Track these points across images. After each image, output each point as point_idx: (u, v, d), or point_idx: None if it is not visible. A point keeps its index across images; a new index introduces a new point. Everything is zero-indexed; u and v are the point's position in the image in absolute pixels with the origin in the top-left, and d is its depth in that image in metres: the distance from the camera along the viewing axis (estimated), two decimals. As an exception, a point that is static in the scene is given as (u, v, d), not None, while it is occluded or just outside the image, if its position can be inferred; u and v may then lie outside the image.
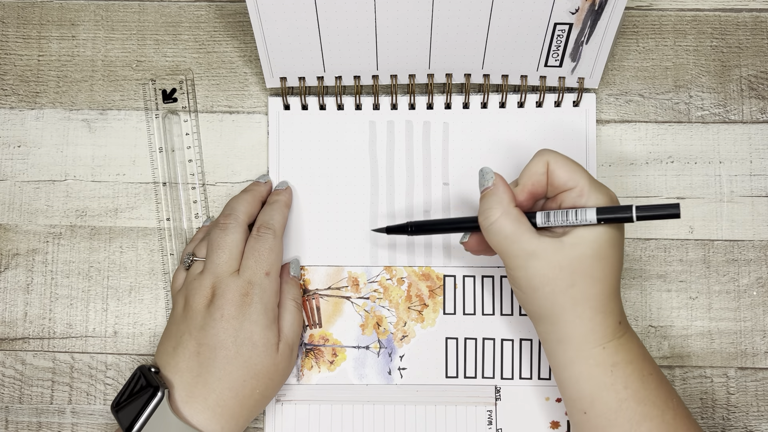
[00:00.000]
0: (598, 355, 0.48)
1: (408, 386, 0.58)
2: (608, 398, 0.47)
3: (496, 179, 0.50)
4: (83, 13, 0.62)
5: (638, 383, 0.47)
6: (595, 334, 0.48)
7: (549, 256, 0.47)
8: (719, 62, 0.60)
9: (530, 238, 0.48)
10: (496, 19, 0.55)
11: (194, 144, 0.60)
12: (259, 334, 0.52)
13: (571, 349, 0.48)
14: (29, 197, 0.60)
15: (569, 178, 0.49)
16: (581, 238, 0.47)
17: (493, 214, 0.49)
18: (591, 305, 0.47)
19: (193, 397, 0.50)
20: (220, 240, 0.54)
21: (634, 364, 0.48)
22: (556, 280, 0.47)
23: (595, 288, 0.47)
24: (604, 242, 0.47)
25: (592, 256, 0.47)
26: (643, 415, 0.47)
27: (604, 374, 0.47)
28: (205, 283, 0.53)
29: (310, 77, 0.59)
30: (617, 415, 0.47)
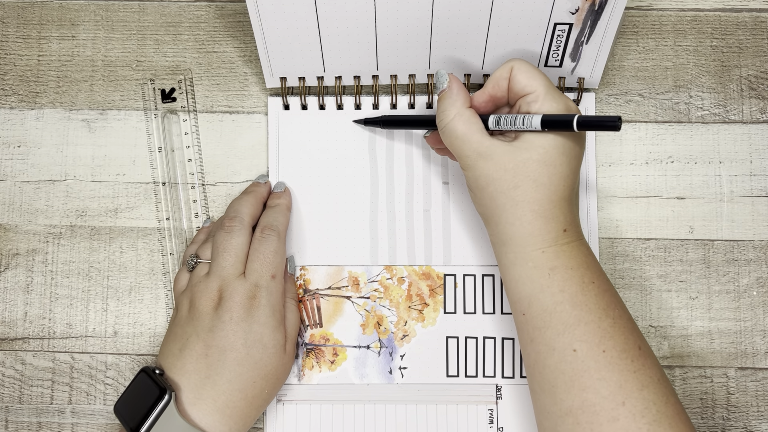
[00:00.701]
0: (536, 258, 0.48)
1: (409, 385, 0.58)
2: (544, 300, 0.48)
3: (450, 81, 0.51)
4: (83, 13, 0.62)
5: (576, 288, 0.48)
6: (534, 237, 0.48)
7: (496, 158, 0.48)
8: (719, 62, 0.60)
9: (480, 139, 0.49)
10: (496, 19, 0.55)
11: (193, 143, 0.60)
12: (268, 336, 0.52)
13: (512, 251, 0.49)
14: (29, 197, 0.60)
15: (527, 83, 0.49)
16: (529, 143, 0.48)
17: (447, 116, 0.50)
18: (532, 209, 0.48)
19: (201, 399, 0.50)
20: (226, 243, 0.53)
21: (575, 270, 0.48)
22: (500, 181, 0.48)
23: (538, 192, 0.48)
24: (551, 149, 0.48)
25: (538, 161, 0.48)
26: (577, 319, 0.47)
27: (541, 276, 0.48)
28: (211, 285, 0.53)
29: (310, 77, 0.59)
30: (552, 317, 0.47)
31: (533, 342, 0.49)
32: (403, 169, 0.59)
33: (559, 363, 0.47)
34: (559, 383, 0.47)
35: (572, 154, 0.49)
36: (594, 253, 0.51)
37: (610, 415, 0.45)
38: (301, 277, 0.59)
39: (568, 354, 0.47)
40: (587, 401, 0.46)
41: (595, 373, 0.46)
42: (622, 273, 0.59)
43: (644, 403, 0.45)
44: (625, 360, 0.46)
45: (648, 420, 0.45)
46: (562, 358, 0.47)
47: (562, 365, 0.47)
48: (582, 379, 0.46)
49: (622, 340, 0.47)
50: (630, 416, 0.45)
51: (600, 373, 0.46)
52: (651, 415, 0.45)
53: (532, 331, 0.49)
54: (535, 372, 0.49)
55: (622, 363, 0.46)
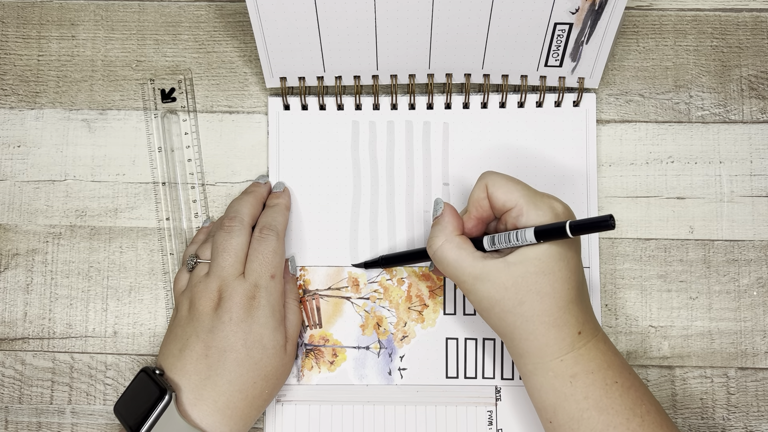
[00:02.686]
0: (556, 368, 0.48)
1: (408, 386, 0.58)
2: (569, 408, 0.48)
3: (444, 208, 0.51)
4: (83, 13, 0.62)
5: (599, 392, 0.47)
6: (551, 347, 0.48)
7: (494, 278, 0.48)
8: (719, 62, 0.60)
9: (473, 263, 0.48)
10: (496, 19, 0.55)
11: (193, 143, 0.60)
12: (268, 337, 0.52)
13: (530, 362, 0.49)
14: (29, 197, 0.60)
15: (507, 198, 0.49)
16: (524, 257, 0.47)
17: (435, 243, 0.50)
18: (542, 321, 0.47)
19: (202, 399, 0.50)
20: (225, 243, 0.53)
21: (596, 374, 0.48)
22: (503, 301, 0.48)
23: (544, 303, 0.47)
24: (547, 258, 0.47)
25: (536, 272, 0.47)
26: (605, 424, 0.47)
27: (563, 385, 0.48)
28: (211, 286, 0.53)
29: (310, 77, 0.59)
30: (579, 425, 0.47)
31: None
32: (404, 169, 0.59)
33: None
34: None
35: (568, 257, 0.48)
36: (614, 347, 0.50)
37: None
38: (300, 277, 0.59)
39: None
40: None
41: None
42: (622, 273, 0.59)
43: None
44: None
45: None
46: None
47: None
48: None
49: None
50: None
51: None
52: None
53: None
54: None
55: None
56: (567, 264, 0.48)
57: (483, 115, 0.60)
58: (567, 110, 0.60)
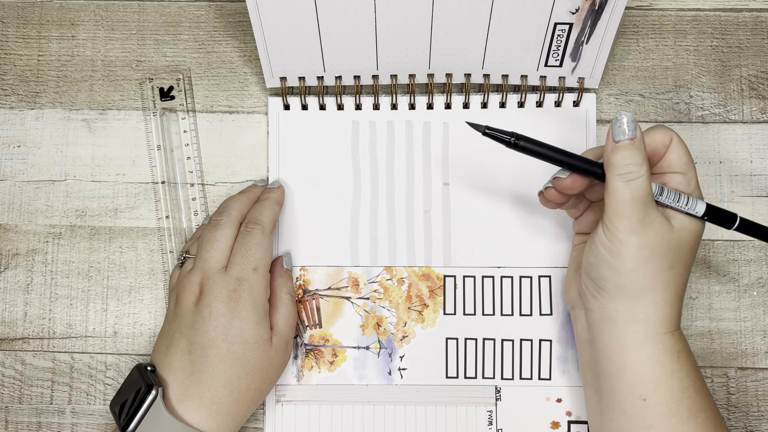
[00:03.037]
0: (667, 341, 0.47)
1: (408, 387, 0.58)
2: (673, 385, 0.47)
3: (637, 130, 0.46)
4: (83, 13, 0.62)
5: (696, 373, 0.48)
6: (671, 319, 0.48)
7: (658, 232, 0.46)
8: (719, 62, 0.60)
9: (655, 207, 0.47)
10: (496, 19, 0.55)
11: (192, 141, 0.60)
12: (249, 332, 0.51)
13: (644, 330, 0.47)
14: (29, 197, 0.60)
15: (685, 162, 0.48)
16: (685, 226, 0.48)
17: (640, 171, 0.46)
18: (676, 291, 0.48)
19: (188, 395, 0.50)
20: (210, 235, 0.54)
21: (692, 356, 0.49)
22: (662, 258, 0.46)
23: (684, 276, 0.48)
24: (698, 236, 0.48)
25: (689, 246, 0.48)
26: (700, 406, 0.47)
27: (671, 360, 0.47)
28: (193, 279, 0.53)
29: (310, 77, 0.59)
30: (679, 404, 0.47)
31: (651, 428, 0.47)
32: (404, 169, 0.59)
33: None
34: None
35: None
36: None
37: None
38: (300, 277, 0.59)
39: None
40: None
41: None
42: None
43: None
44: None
45: None
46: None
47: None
48: None
49: (724, 427, 0.48)
50: None
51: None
52: None
53: (651, 417, 0.47)
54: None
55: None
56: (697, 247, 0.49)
57: (483, 115, 0.60)
58: (567, 110, 0.60)
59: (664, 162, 0.49)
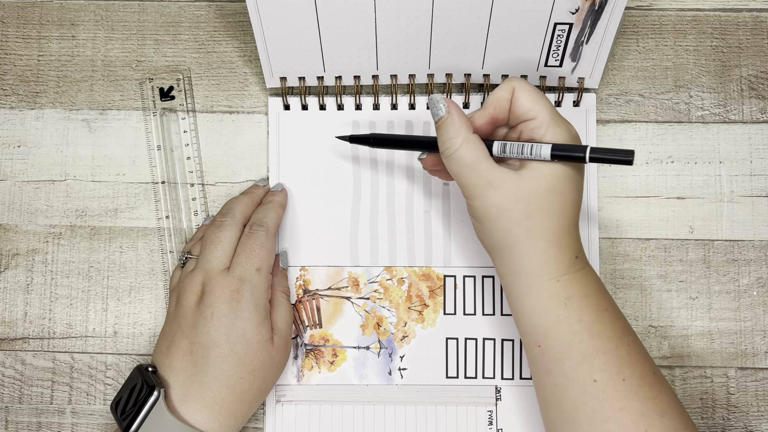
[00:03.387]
0: (551, 288, 0.47)
1: (408, 386, 0.58)
2: (562, 331, 0.47)
3: (449, 106, 0.49)
4: (83, 13, 0.62)
5: (592, 316, 0.47)
6: (550, 266, 0.47)
7: (507, 187, 0.47)
8: (719, 62, 0.60)
9: (489, 168, 0.47)
10: (496, 19, 0.55)
11: (192, 141, 0.60)
12: (252, 332, 0.52)
13: (526, 281, 0.48)
14: (29, 197, 0.60)
15: (531, 107, 0.48)
16: (538, 172, 0.47)
17: (455, 143, 0.48)
18: (546, 237, 0.47)
19: (190, 395, 0.50)
20: (213, 236, 0.54)
21: (590, 298, 0.47)
22: (512, 211, 0.47)
23: (551, 221, 0.47)
24: (560, 176, 0.47)
25: (548, 189, 0.47)
26: (596, 348, 0.46)
27: (557, 307, 0.47)
28: (195, 279, 0.53)
29: (310, 77, 0.59)
30: (570, 348, 0.47)
31: (549, 374, 0.48)
32: (404, 169, 0.59)
33: (579, 394, 0.46)
34: (580, 415, 0.46)
35: (578, 180, 0.48)
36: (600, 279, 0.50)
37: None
38: (300, 277, 0.59)
39: (588, 385, 0.46)
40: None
41: (616, 403, 0.45)
42: (622, 273, 0.59)
43: (666, 430, 0.45)
44: (644, 387, 0.46)
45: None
46: (582, 389, 0.46)
47: (582, 396, 0.46)
48: (603, 410, 0.46)
49: (639, 367, 0.47)
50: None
51: (621, 402, 0.45)
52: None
53: (548, 363, 0.48)
54: (551, 404, 0.48)
55: (642, 390, 0.46)
56: (576, 186, 0.48)
57: (483, 115, 0.60)
58: (567, 110, 0.60)
59: (512, 115, 0.49)
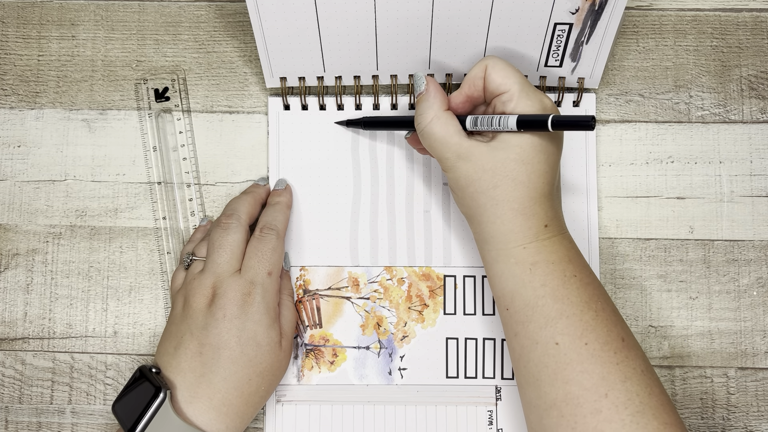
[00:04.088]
0: (518, 254, 0.49)
1: (408, 386, 0.58)
2: (526, 294, 0.48)
3: (428, 83, 0.51)
4: (83, 13, 0.62)
5: (557, 281, 0.48)
6: (515, 234, 0.49)
7: (475, 159, 0.49)
8: (719, 62, 0.60)
9: (459, 141, 0.49)
10: (496, 19, 0.55)
11: (188, 142, 0.60)
12: (262, 334, 0.52)
13: (494, 248, 0.50)
14: (29, 197, 0.60)
15: (502, 82, 0.50)
16: (506, 143, 0.48)
17: (425, 119, 0.50)
18: (512, 207, 0.48)
19: (197, 397, 0.50)
20: (222, 239, 0.54)
21: (556, 264, 0.49)
22: (479, 181, 0.49)
23: (518, 191, 0.48)
24: (528, 147, 0.48)
25: (515, 160, 0.48)
26: (559, 312, 0.47)
27: (523, 272, 0.49)
28: (205, 282, 0.53)
29: (310, 77, 0.59)
30: (534, 311, 0.48)
31: (517, 336, 0.49)
32: (404, 169, 0.59)
33: (543, 356, 0.48)
34: (543, 376, 0.47)
35: (549, 151, 0.49)
36: (577, 247, 0.51)
37: (593, 407, 0.46)
38: (300, 277, 0.59)
39: (550, 347, 0.47)
40: (570, 394, 0.46)
41: (577, 366, 0.46)
42: (622, 273, 0.59)
43: (627, 394, 0.46)
44: (608, 352, 0.47)
45: (631, 411, 0.45)
46: (545, 352, 0.47)
47: (545, 358, 0.47)
48: (565, 372, 0.47)
49: (605, 333, 0.47)
50: (613, 408, 0.45)
51: (582, 365, 0.46)
52: (634, 406, 0.45)
53: (515, 325, 0.49)
54: (519, 366, 0.50)
55: (605, 355, 0.47)
56: (546, 158, 0.49)
57: (483, 115, 0.60)
58: (567, 110, 0.60)
59: (486, 91, 0.51)
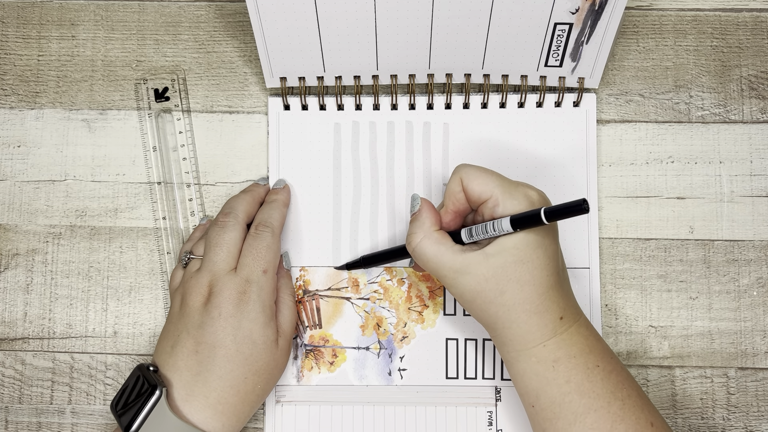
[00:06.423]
0: (539, 353, 0.48)
1: (408, 387, 0.58)
2: (552, 392, 0.48)
3: (421, 204, 0.51)
4: (83, 13, 0.62)
5: (581, 376, 0.48)
6: (533, 334, 0.48)
7: (474, 270, 0.48)
8: (719, 62, 0.60)
9: (453, 257, 0.49)
10: (496, 19, 0.55)
11: (188, 142, 0.60)
12: (258, 333, 0.52)
13: (513, 349, 0.49)
14: (29, 197, 0.60)
15: (482, 190, 0.49)
16: (502, 247, 0.48)
17: (414, 239, 0.50)
18: (524, 308, 0.48)
19: (193, 395, 0.50)
20: (218, 238, 0.54)
21: (578, 359, 0.48)
22: (485, 292, 0.48)
23: (525, 292, 0.48)
24: (525, 246, 0.48)
25: (514, 262, 0.47)
26: (586, 407, 0.47)
27: (546, 370, 0.48)
28: (201, 281, 0.53)
29: (310, 77, 0.59)
30: (561, 408, 0.48)
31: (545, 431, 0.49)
32: (404, 170, 0.59)
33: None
34: None
35: (546, 244, 0.48)
36: (596, 331, 0.51)
37: None
38: (301, 278, 0.59)
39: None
40: None
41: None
42: (622, 273, 0.59)
43: None
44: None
45: None
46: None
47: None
48: None
49: (634, 421, 0.47)
50: None
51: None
52: None
53: (543, 422, 0.49)
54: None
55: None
56: (545, 251, 0.48)
57: (483, 115, 0.60)
58: (567, 110, 0.60)
59: (470, 201, 0.51)
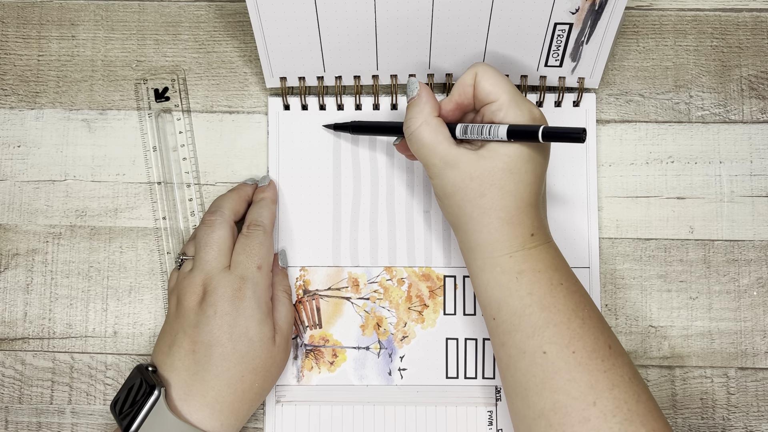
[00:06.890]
0: (504, 263, 0.49)
1: (408, 387, 0.58)
2: (513, 303, 0.48)
3: (420, 89, 0.51)
4: (83, 13, 0.62)
5: (544, 290, 0.48)
6: (502, 243, 0.49)
7: (462, 166, 0.48)
8: (719, 62, 0.60)
9: (447, 148, 0.49)
10: (496, 19, 0.55)
11: (188, 142, 0.60)
12: (254, 330, 0.52)
13: (480, 257, 0.49)
14: (29, 197, 0.60)
15: (491, 91, 0.49)
16: (494, 152, 0.48)
17: (414, 124, 0.50)
18: (498, 216, 0.48)
19: (191, 394, 0.50)
20: (207, 237, 0.54)
21: (542, 273, 0.48)
22: (466, 189, 0.48)
23: (504, 200, 0.48)
24: (516, 157, 0.48)
25: (503, 169, 0.48)
26: (546, 321, 0.47)
27: (509, 281, 0.48)
28: (195, 280, 0.53)
29: (310, 77, 0.59)
30: (521, 320, 0.48)
31: (504, 346, 0.49)
32: (404, 170, 0.59)
33: (530, 366, 0.47)
34: (531, 386, 0.47)
35: (537, 162, 0.49)
36: (563, 256, 0.51)
37: (581, 415, 0.46)
38: (300, 277, 0.59)
39: (538, 356, 0.47)
40: (558, 403, 0.46)
41: (565, 375, 0.46)
42: (622, 273, 0.59)
43: (615, 402, 0.46)
44: (595, 360, 0.47)
45: (619, 419, 0.45)
46: (532, 361, 0.47)
47: (532, 368, 0.47)
48: (552, 381, 0.47)
49: (592, 340, 0.47)
50: (601, 416, 0.45)
51: (570, 374, 0.46)
52: (622, 414, 0.45)
53: (502, 335, 0.49)
54: (507, 375, 0.49)
55: (592, 363, 0.47)
56: (534, 168, 0.49)
57: (483, 115, 0.60)
58: (567, 110, 0.60)
59: (476, 99, 0.51)
